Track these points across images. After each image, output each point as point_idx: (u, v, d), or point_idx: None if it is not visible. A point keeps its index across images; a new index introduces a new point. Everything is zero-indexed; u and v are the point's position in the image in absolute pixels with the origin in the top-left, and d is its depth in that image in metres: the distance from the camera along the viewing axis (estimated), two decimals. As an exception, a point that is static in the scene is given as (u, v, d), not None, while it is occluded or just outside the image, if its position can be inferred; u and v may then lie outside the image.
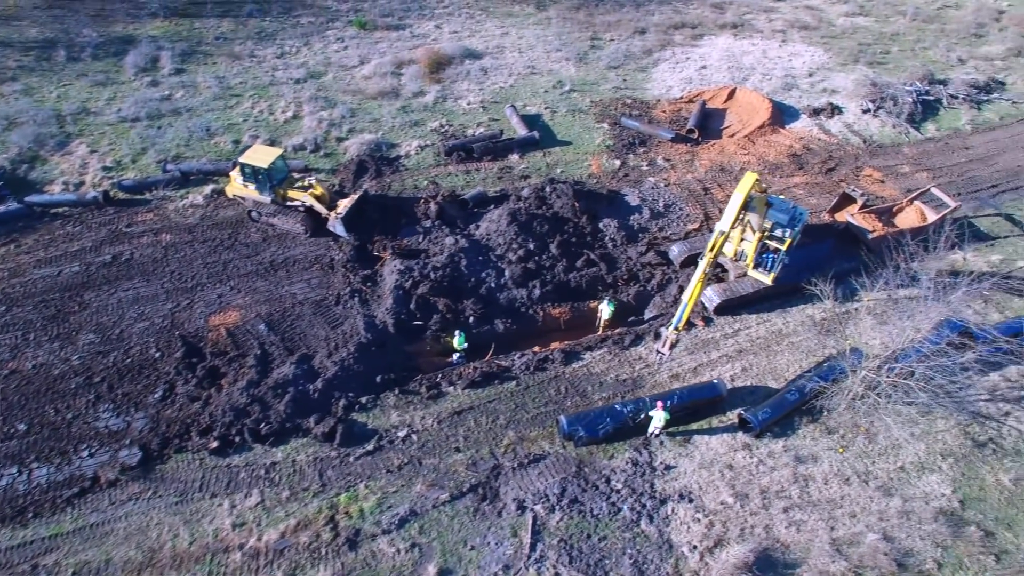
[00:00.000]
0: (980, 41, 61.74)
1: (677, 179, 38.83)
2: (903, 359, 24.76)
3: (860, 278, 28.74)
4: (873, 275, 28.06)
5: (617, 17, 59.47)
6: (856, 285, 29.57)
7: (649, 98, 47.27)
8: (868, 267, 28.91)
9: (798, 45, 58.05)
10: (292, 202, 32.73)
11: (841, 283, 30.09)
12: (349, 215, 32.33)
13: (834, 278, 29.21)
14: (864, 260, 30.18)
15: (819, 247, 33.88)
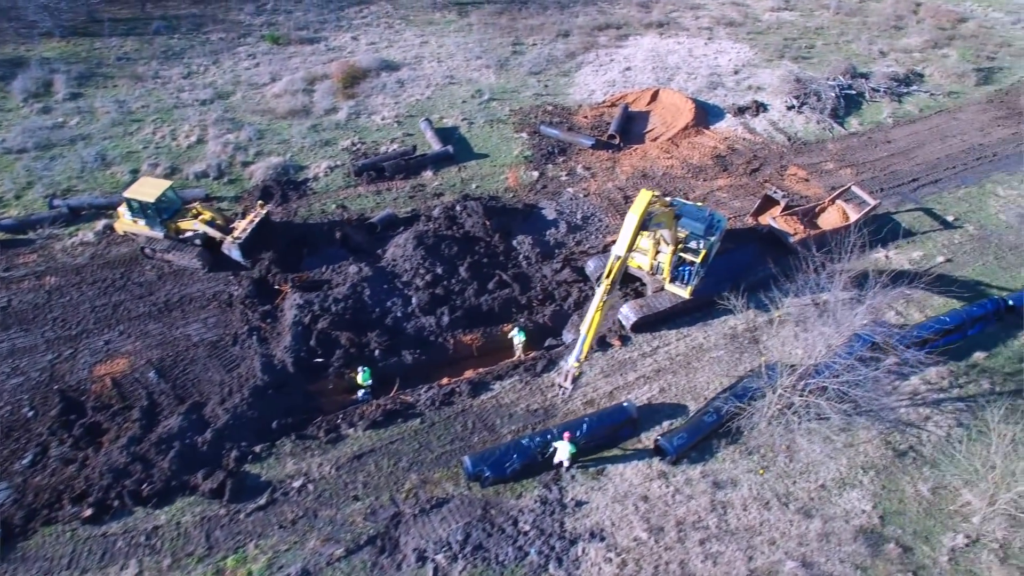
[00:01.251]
0: (900, 33, 61.99)
1: (597, 188, 37.63)
2: (816, 376, 23.64)
3: (783, 284, 27.48)
4: (783, 286, 26.97)
5: (540, 20, 58.25)
6: (775, 293, 28.33)
7: (571, 104, 46.09)
8: (777, 278, 27.73)
9: (724, 42, 57.48)
10: (186, 234, 30.65)
11: (762, 290, 28.88)
12: (248, 239, 30.42)
13: (749, 288, 28.18)
14: (772, 271, 29.01)
15: (742, 253, 32.89)
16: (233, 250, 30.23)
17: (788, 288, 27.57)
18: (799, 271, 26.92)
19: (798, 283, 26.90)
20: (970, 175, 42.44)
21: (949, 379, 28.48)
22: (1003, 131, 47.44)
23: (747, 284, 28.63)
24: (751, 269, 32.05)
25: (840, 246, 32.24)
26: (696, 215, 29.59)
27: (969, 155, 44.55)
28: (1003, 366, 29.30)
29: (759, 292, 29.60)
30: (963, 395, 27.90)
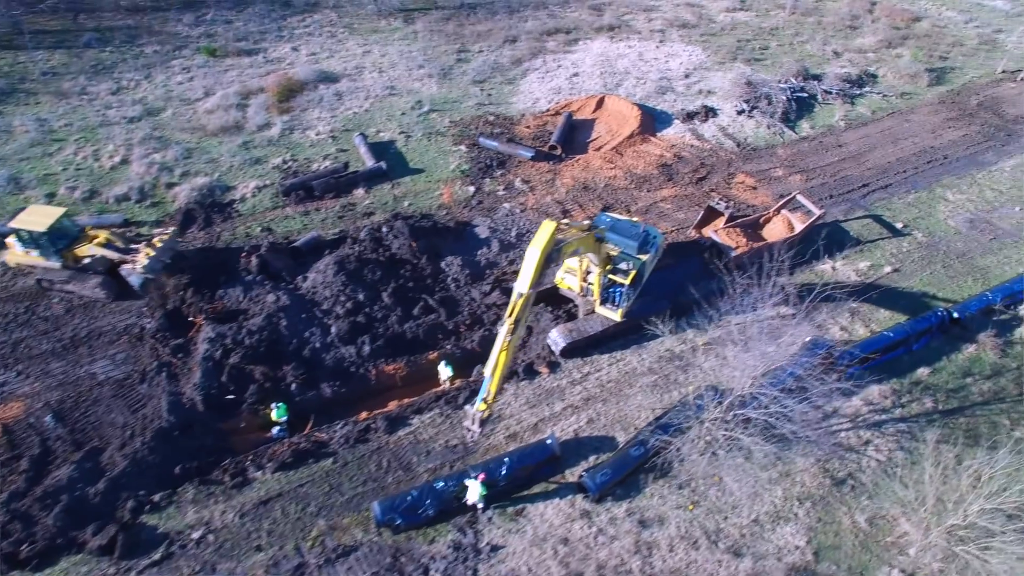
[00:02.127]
0: (855, 33, 61.37)
1: (535, 203, 36.36)
2: (744, 407, 22.41)
3: (721, 302, 26.22)
4: (721, 304, 25.68)
5: (488, 26, 56.96)
6: (714, 311, 27.08)
7: (514, 113, 44.79)
8: (714, 295, 26.47)
9: (676, 45, 56.51)
10: (84, 261, 28.95)
11: (700, 309, 27.63)
12: (153, 266, 28.77)
13: (688, 305, 26.96)
14: (696, 297, 27.82)
15: (683, 269, 31.72)
16: (132, 276, 28.56)
17: (726, 306, 26.25)
18: (737, 288, 25.57)
19: (736, 301, 25.56)
20: (920, 179, 41.65)
21: (892, 398, 27.50)
22: (954, 133, 46.79)
23: (686, 302, 26.98)
24: (692, 285, 30.73)
25: (784, 258, 31.27)
26: (629, 232, 28.37)
27: (920, 158, 43.79)
28: (946, 382, 28.36)
29: (697, 310, 28.17)
30: (905, 415, 26.93)
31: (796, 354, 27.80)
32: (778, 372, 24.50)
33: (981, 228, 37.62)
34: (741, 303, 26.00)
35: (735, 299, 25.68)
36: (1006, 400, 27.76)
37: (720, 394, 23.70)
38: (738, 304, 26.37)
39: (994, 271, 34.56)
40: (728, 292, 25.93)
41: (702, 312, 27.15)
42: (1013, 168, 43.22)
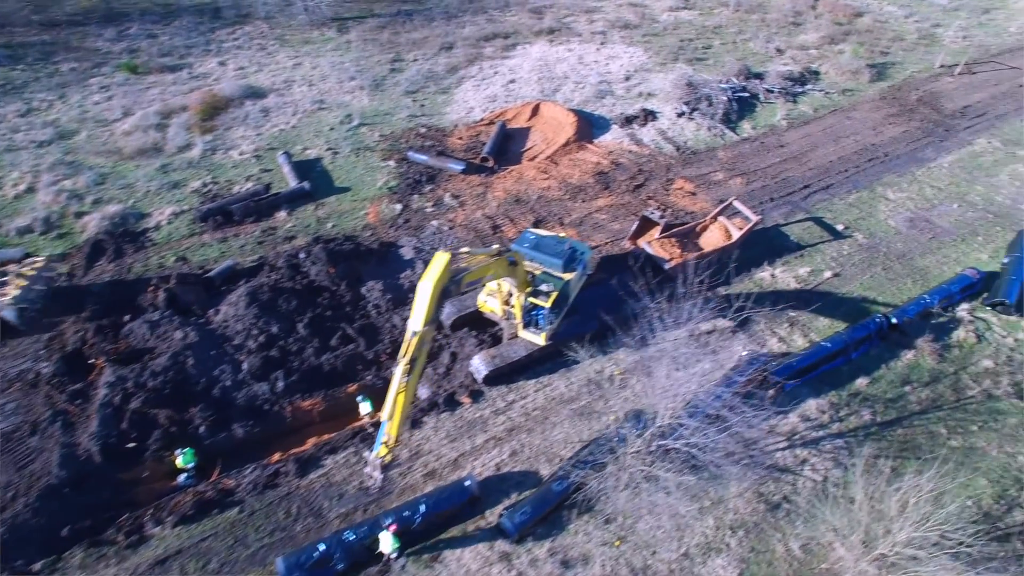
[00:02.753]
0: (798, 30, 61.05)
1: (464, 219, 35.00)
2: (666, 437, 21.30)
3: (656, 317, 25.10)
4: (653, 320, 24.55)
5: (424, 33, 55.53)
6: (647, 328, 25.98)
7: (447, 124, 43.43)
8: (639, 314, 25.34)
9: (617, 46, 55.58)
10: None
11: (633, 325, 26.47)
12: (25, 296, 26.89)
13: (619, 323, 25.84)
14: (607, 321, 26.64)
15: (617, 283, 30.60)
16: (6, 312, 26.70)
17: (658, 323, 25.12)
18: (669, 302, 24.46)
19: (668, 316, 24.44)
20: (862, 178, 41.09)
21: (829, 412, 26.62)
22: (895, 129, 46.43)
23: (618, 319, 25.81)
24: (624, 301, 29.63)
25: (720, 267, 30.43)
26: (553, 249, 27.18)
27: (862, 156, 43.29)
28: (885, 391, 27.61)
29: (628, 329, 26.98)
30: (843, 430, 26.04)
31: (731, 371, 26.79)
32: (709, 394, 23.30)
33: (921, 227, 37.09)
34: (675, 318, 24.84)
35: (667, 314, 24.45)
36: (943, 408, 27.07)
37: (643, 423, 22.48)
38: (671, 320, 25.25)
39: (933, 271, 33.98)
40: (659, 308, 24.64)
41: (632, 330, 25.90)
42: (951, 164, 42.89)
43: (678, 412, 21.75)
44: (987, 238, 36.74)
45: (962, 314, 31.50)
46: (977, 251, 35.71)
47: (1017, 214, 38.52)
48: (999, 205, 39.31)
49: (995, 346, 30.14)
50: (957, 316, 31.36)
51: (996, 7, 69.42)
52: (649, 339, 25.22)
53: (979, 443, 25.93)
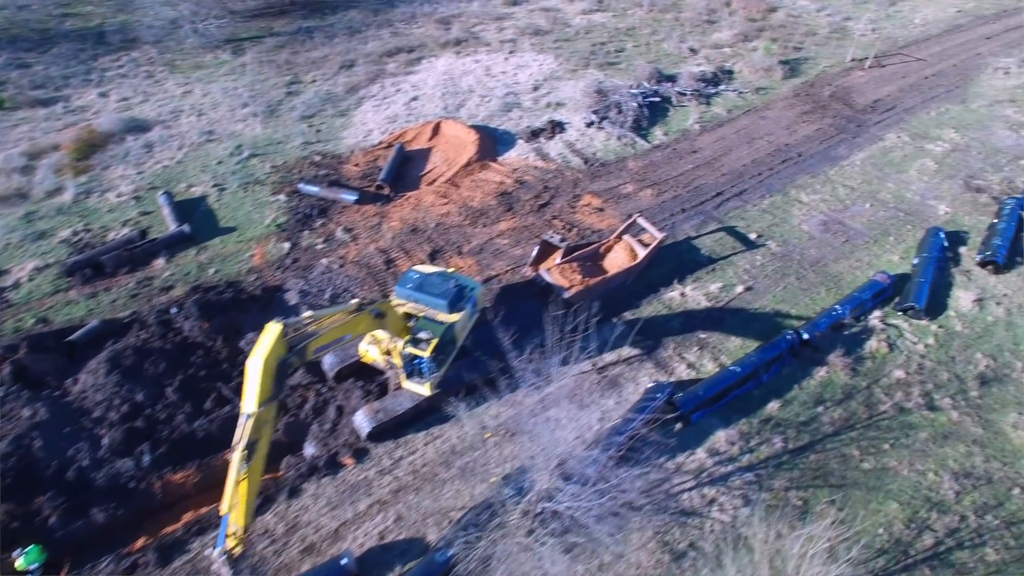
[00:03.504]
0: (712, 28, 60.37)
1: (357, 254, 32.94)
2: (551, 499, 19.60)
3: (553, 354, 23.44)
4: (533, 368, 22.91)
5: (325, 52, 53.19)
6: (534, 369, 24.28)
7: (343, 150, 41.26)
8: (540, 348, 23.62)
9: (527, 55, 54.01)
10: None
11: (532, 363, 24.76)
12: None
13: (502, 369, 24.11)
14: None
15: (516, 317, 28.88)
16: None
17: (555, 359, 23.48)
18: (569, 334, 22.84)
19: (567, 349, 22.79)
20: (776, 181, 40.16)
21: (739, 443, 25.27)
22: (808, 127, 45.80)
23: (517, 356, 24.10)
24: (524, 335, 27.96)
25: (625, 290, 29.00)
26: (438, 288, 25.33)
27: (775, 158, 42.43)
28: (797, 414, 26.39)
29: (523, 367, 25.30)
30: (754, 462, 24.69)
31: (635, 405, 25.32)
32: (603, 441, 21.83)
33: (834, 231, 36.24)
34: (575, 352, 23.27)
35: (564, 348, 22.84)
36: (856, 427, 26.02)
37: (523, 486, 20.76)
38: (569, 353, 23.66)
39: (846, 277, 33.09)
40: (557, 341, 23.00)
41: (529, 369, 24.20)
42: (863, 161, 42.33)
43: (563, 469, 19.88)
44: (898, 238, 36.04)
45: (874, 322, 30.61)
46: (889, 252, 34.96)
47: (926, 211, 38.02)
48: (909, 202, 38.76)
49: (906, 354, 29.29)
50: (869, 325, 30.45)
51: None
52: (538, 382, 23.54)
53: (891, 463, 24.91)
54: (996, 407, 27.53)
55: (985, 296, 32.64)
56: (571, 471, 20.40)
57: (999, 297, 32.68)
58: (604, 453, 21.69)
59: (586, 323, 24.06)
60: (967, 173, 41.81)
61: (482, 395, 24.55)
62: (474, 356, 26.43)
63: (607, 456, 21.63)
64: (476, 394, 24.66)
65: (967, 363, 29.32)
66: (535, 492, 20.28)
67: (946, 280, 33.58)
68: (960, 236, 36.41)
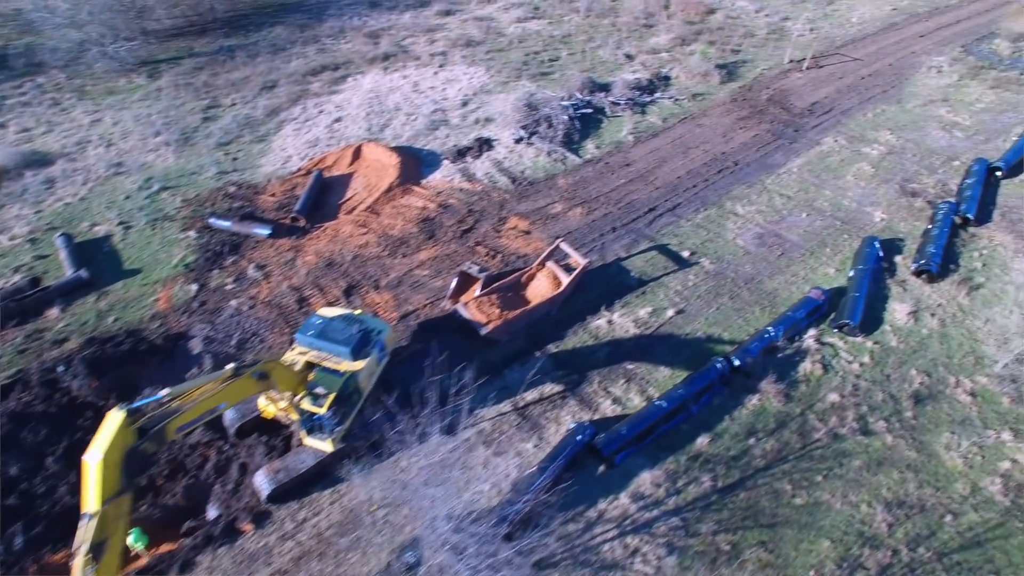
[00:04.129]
0: (649, 32, 59.53)
1: (268, 293, 31.26)
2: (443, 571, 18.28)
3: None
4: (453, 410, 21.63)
5: (246, 72, 51.29)
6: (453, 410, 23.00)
7: (260, 179, 39.52)
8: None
9: (457, 68, 52.65)
10: None
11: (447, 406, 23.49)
12: None
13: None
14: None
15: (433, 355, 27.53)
16: None
17: (471, 399, 22.28)
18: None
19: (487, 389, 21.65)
20: (711, 193, 39.31)
21: (666, 484, 24.23)
22: (745, 134, 45.07)
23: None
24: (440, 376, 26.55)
25: (549, 320, 27.91)
26: (340, 335, 23.90)
27: (711, 168, 41.60)
28: (728, 449, 25.38)
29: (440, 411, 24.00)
30: (681, 504, 23.68)
31: (555, 449, 24.12)
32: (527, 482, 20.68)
33: (770, 244, 35.44)
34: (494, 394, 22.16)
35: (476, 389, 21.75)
36: (788, 459, 25.15)
37: (416, 557, 19.38)
38: (490, 394, 22.49)
39: (781, 294, 32.27)
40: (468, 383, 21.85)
41: (441, 415, 22.89)
42: (800, 168, 41.71)
43: (460, 537, 18.53)
44: (835, 248, 35.40)
45: (809, 342, 29.82)
46: (825, 265, 34.28)
47: (862, 218, 37.44)
48: (846, 210, 38.17)
49: (841, 375, 28.52)
50: (804, 346, 29.68)
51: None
52: (467, 419, 22.33)
53: (823, 496, 24.04)
54: (930, 427, 26.78)
55: (920, 307, 31.98)
56: (465, 543, 18.95)
57: (933, 308, 32.03)
58: (502, 523, 20.29)
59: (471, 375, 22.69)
60: (903, 177, 41.36)
61: (386, 449, 23.03)
62: (377, 407, 24.95)
63: (507, 524, 20.22)
64: (380, 448, 23.12)
65: (902, 381, 28.56)
66: (427, 568, 18.83)
67: (882, 292, 32.89)
68: (896, 244, 35.81)
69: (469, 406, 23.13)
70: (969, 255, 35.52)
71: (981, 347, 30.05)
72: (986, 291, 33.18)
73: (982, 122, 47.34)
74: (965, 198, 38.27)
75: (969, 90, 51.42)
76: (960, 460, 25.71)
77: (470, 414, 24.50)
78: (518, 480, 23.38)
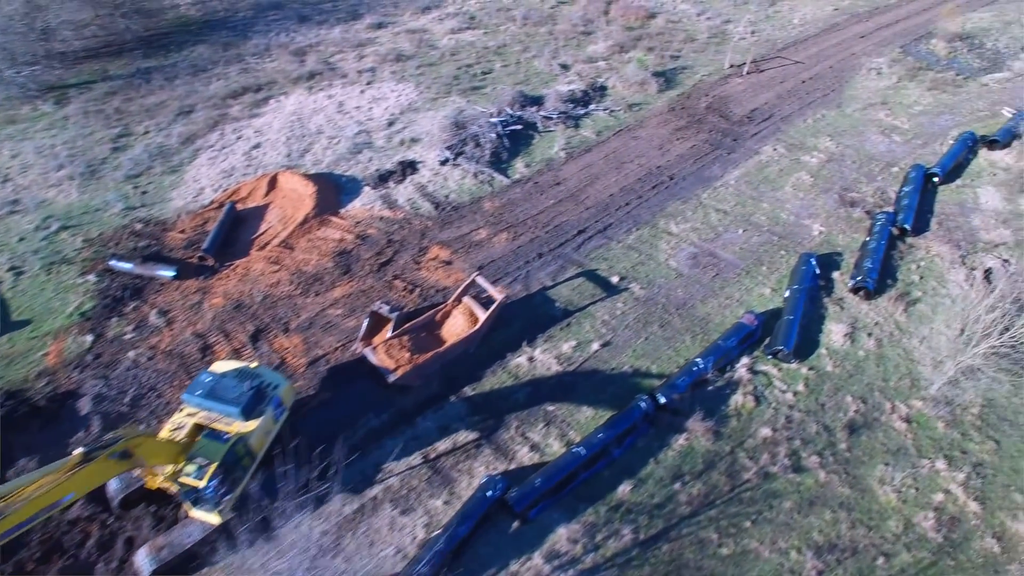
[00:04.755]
0: (587, 40, 58.42)
1: (170, 342, 29.51)
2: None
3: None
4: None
5: (163, 96, 49.20)
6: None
7: (169, 214, 37.59)
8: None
9: (386, 85, 51.07)
10: None
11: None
12: None
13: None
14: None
15: (344, 405, 26.11)
16: None
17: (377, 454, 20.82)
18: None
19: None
20: (644, 211, 38.18)
21: (583, 540, 22.98)
22: (682, 145, 44.09)
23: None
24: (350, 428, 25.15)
25: (467, 360, 26.58)
26: (231, 393, 22.26)
27: (645, 183, 40.50)
28: (652, 496, 24.23)
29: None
30: (599, 562, 22.39)
31: (463, 508, 22.71)
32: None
33: (704, 264, 34.39)
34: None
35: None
36: (716, 503, 24.01)
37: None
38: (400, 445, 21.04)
39: (715, 319, 31.20)
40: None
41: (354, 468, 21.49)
42: (738, 180, 40.76)
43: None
44: (771, 266, 34.45)
45: (741, 372, 28.79)
46: (761, 285, 33.34)
47: (800, 232, 36.56)
48: (784, 224, 37.27)
49: (774, 406, 27.49)
50: (735, 377, 28.59)
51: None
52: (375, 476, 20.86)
53: (752, 544, 22.99)
54: (864, 459, 25.87)
55: (857, 327, 31.16)
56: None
57: (870, 327, 31.20)
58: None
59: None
60: (842, 185, 40.68)
61: (282, 515, 21.43)
62: (275, 468, 23.38)
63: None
64: (276, 514, 21.52)
65: (837, 410, 27.64)
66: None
67: (819, 312, 32.01)
68: (833, 259, 35.02)
69: (376, 461, 21.71)
70: (907, 267, 34.73)
71: (917, 367, 29.17)
72: (923, 306, 32.41)
73: (920, 125, 46.86)
74: (903, 207, 37.56)
75: (908, 92, 51.02)
76: (894, 495, 24.73)
77: (377, 469, 23.00)
78: (425, 542, 21.87)
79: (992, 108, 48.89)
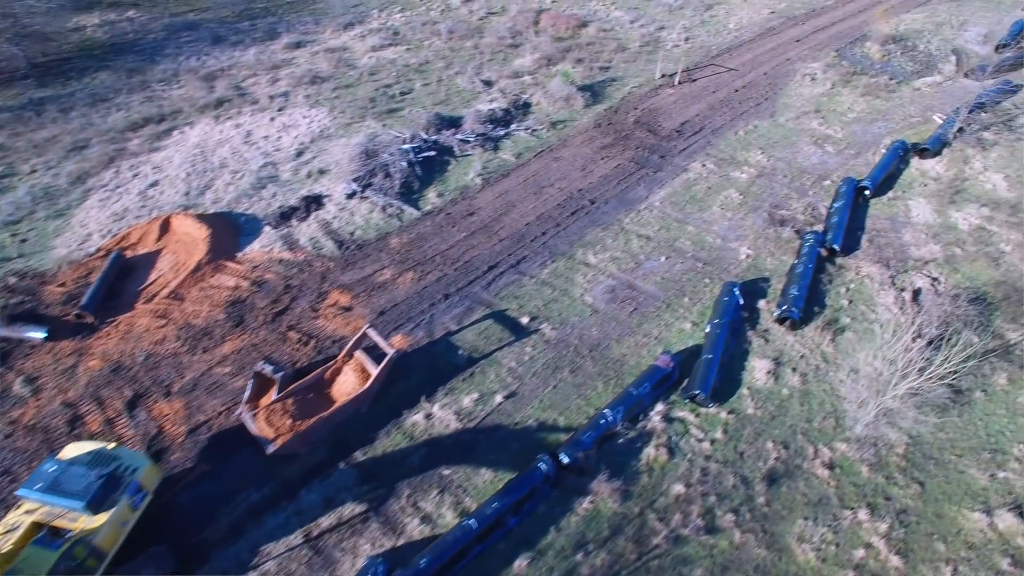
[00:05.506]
0: (515, 53, 56.65)
1: (35, 415, 27.77)
2: None
3: None
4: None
5: (56, 130, 46.66)
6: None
7: (50, 265, 35.16)
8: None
9: (298, 111, 49.02)
10: None
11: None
12: None
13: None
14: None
15: (227, 479, 24.20)
16: None
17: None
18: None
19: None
20: (561, 241, 36.51)
21: (471, 629, 20.73)
22: (606, 165, 42.58)
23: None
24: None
25: (359, 420, 24.74)
26: (75, 484, 20.49)
27: (565, 209, 38.86)
28: (551, 568, 22.92)
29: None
30: (487, 654, 20.23)
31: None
32: None
33: (622, 298, 32.89)
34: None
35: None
36: (621, 575, 21.95)
37: None
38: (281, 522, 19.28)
39: (630, 361, 29.68)
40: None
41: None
42: (663, 201, 39.37)
43: None
44: (694, 297, 33.04)
45: (654, 421, 27.32)
46: (682, 320, 31.87)
47: (727, 256, 35.20)
48: (709, 248, 35.90)
49: (689, 458, 25.98)
50: (648, 427, 26.89)
51: (718, 2, 68.48)
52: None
53: (657, 622, 21.03)
54: (784, 514, 24.46)
55: (781, 362, 29.87)
56: None
57: (796, 361, 29.89)
58: None
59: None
60: (771, 203, 39.45)
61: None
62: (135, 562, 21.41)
63: None
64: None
65: (756, 458, 26.22)
66: None
67: (742, 347, 30.61)
68: (760, 286, 33.60)
69: (254, 542, 20.05)
70: (836, 291, 33.54)
71: (843, 405, 27.91)
72: (851, 334, 31.26)
73: (853, 134, 45.91)
74: (832, 225, 36.44)
75: (841, 98, 50.13)
76: (813, 553, 23.41)
77: (254, 552, 21.09)
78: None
79: (924, 114, 48.15)
